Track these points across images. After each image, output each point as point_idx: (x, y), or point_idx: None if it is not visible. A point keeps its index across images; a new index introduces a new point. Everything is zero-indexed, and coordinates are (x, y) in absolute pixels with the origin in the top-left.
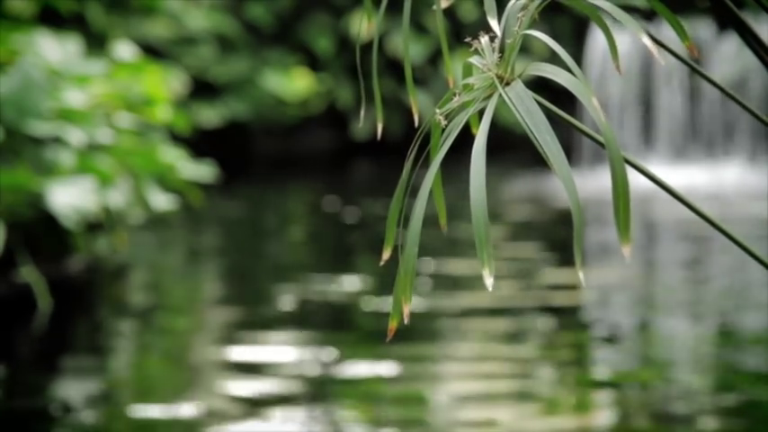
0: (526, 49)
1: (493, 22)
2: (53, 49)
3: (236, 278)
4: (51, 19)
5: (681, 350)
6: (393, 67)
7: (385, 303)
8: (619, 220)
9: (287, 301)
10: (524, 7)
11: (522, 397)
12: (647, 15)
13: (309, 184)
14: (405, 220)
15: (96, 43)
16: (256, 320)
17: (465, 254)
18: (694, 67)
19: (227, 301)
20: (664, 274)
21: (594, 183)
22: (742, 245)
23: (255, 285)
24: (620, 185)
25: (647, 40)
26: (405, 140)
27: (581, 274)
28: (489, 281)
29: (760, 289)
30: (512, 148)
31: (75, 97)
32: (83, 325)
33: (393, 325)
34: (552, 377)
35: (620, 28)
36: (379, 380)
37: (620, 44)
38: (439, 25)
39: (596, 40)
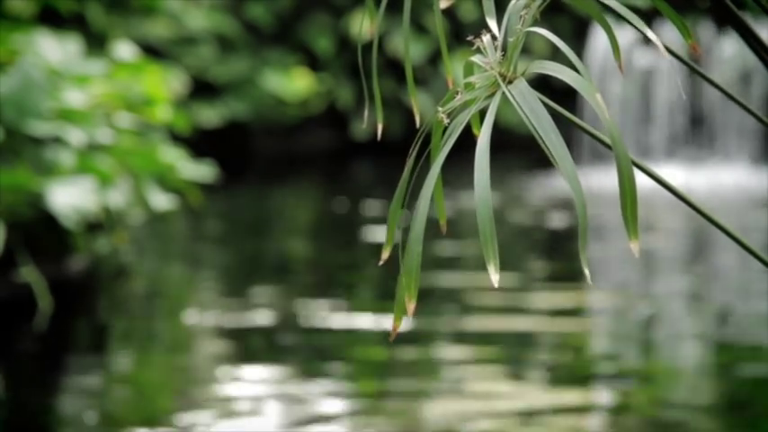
0: (527, 49)
1: (492, 23)
2: (53, 49)
3: (236, 279)
4: (51, 19)
5: (684, 374)
6: (393, 67)
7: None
8: (626, 216)
9: (289, 301)
10: (527, 6)
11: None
12: (648, 16)
13: (309, 184)
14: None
15: (96, 43)
16: (256, 323)
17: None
18: (694, 68)
19: (228, 301)
20: (664, 279)
21: (594, 181)
22: (743, 243)
23: (256, 286)
24: (626, 182)
25: (651, 35)
26: (405, 140)
27: (587, 271)
28: (495, 277)
29: (760, 294)
30: (512, 148)
31: (75, 97)
32: (83, 325)
33: (396, 325)
34: (553, 397)
35: (622, 27)
36: (381, 395)
37: (621, 44)
38: (438, 25)
39: (597, 40)
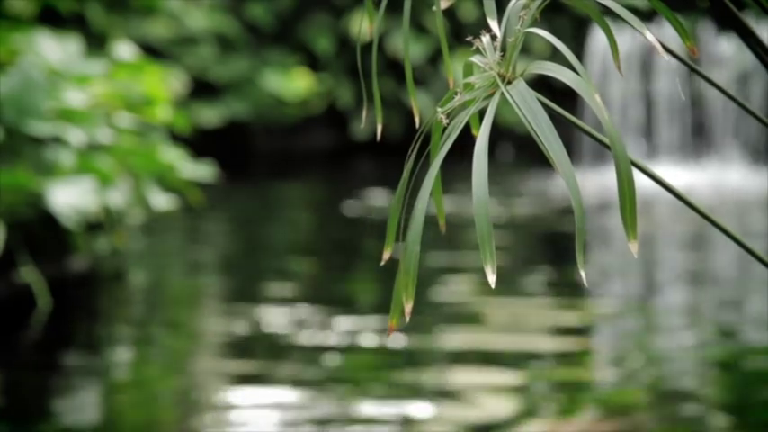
0: (526, 49)
1: (492, 23)
2: (53, 49)
3: (236, 279)
4: (51, 19)
5: (685, 384)
6: (393, 67)
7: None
8: (625, 217)
9: (287, 304)
10: (526, 6)
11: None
12: (648, 16)
13: (309, 184)
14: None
15: (96, 43)
16: (257, 324)
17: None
18: (694, 68)
19: (228, 302)
20: (665, 282)
21: (595, 182)
22: (743, 244)
23: (255, 286)
24: (625, 183)
25: (649, 36)
26: (405, 140)
27: (583, 273)
28: (492, 278)
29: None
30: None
31: (75, 97)
32: (82, 325)
33: (393, 323)
34: (553, 406)
35: (621, 28)
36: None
37: (621, 44)
38: (439, 26)
39: (597, 41)
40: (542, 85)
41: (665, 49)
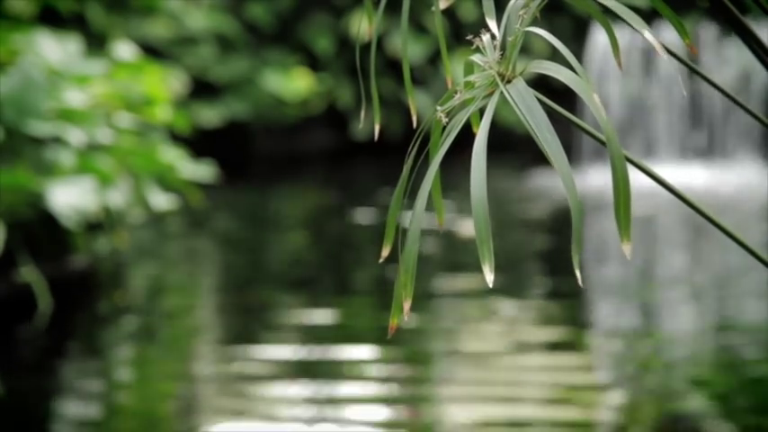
0: (526, 49)
1: (491, 23)
2: (53, 49)
3: (235, 279)
4: (51, 19)
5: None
6: (393, 67)
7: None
8: (619, 217)
9: (287, 310)
10: (525, 5)
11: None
12: (647, 16)
13: (309, 184)
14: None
15: (96, 43)
16: (256, 324)
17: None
18: (694, 69)
19: (228, 302)
20: (665, 284)
21: (595, 181)
22: (742, 242)
23: (256, 287)
24: (620, 182)
25: (648, 35)
26: (405, 140)
27: (578, 273)
28: (490, 277)
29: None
30: (512, 148)
31: (75, 97)
32: (83, 325)
33: (394, 323)
34: (552, 408)
35: (621, 27)
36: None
37: (620, 43)
38: (438, 26)
39: (596, 41)
40: (542, 85)
41: (665, 49)
